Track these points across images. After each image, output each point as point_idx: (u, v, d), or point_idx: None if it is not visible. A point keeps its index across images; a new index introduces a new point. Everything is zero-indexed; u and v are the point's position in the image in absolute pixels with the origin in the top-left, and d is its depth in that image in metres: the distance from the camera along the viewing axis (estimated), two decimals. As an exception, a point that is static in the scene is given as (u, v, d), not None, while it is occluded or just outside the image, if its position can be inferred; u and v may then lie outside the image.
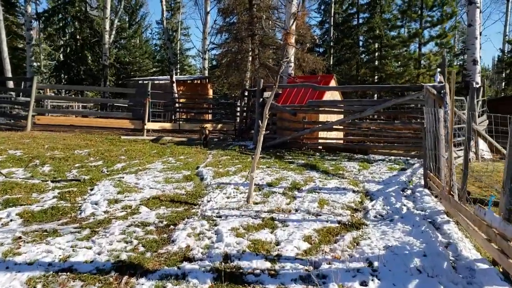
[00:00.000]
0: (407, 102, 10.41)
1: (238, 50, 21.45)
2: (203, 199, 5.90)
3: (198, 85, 27.19)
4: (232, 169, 8.32)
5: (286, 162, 9.59)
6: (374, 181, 7.57)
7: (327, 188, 6.75)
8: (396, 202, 5.90)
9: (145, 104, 15.03)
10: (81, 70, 30.01)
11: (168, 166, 8.62)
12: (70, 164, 8.68)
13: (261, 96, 12.89)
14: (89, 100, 25.45)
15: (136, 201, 5.71)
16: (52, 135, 13.48)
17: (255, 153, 5.49)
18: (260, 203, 5.70)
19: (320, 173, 8.34)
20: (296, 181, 7.19)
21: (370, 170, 8.84)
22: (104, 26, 27.59)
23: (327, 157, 10.63)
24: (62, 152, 10.13)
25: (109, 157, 9.75)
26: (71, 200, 5.81)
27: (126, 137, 13.94)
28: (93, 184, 6.82)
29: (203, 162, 9.43)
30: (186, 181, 7.19)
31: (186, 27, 48.90)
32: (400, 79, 20.39)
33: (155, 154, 10.58)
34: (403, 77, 20.40)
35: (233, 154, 10.84)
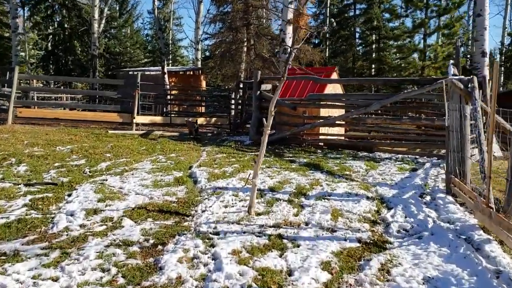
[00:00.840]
0: (416, 96, 9.66)
1: (233, 40, 20.55)
2: (197, 208, 5.11)
3: (190, 76, 26.27)
4: (229, 170, 7.53)
5: (286, 161, 8.82)
6: (386, 184, 6.83)
7: (337, 193, 5.99)
8: (418, 212, 5.15)
9: (134, 96, 14.16)
10: (69, 60, 28.97)
11: (157, 166, 7.80)
12: (50, 163, 7.83)
13: (258, 88, 12.07)
14: (74, 92, 24.38)
15: (119, 211, 4.90)
16: (34, 129, 12.58)
17: (258, 156, 4.70)
18: (263, 213, 4.93)
19: (325, 174, 7.58)
20: (301, 185, 6.43)
21: (378, 171, 8.10)
22: (93, 14, 26.50)
23: (330, 155, 9.87)
24: (43, 148, 9.26)
25: (94, 154, 8.90)
26: (44, 210, 4.99)
27: (114, 132, 13.08)
28: (71, 188, 6.00)
29: (196, 160, 8.62)
30: (177, 184, 6.39)
31: (178, 17, 47.73)
32: (404, 72, 19.63)
33: (144, 151, 9.75)
34: (407, 69, 19.63)
35: (228, 151, 10.04)
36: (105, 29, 33.27)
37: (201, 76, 26.27)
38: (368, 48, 28.73)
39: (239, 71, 18.21)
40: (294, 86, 12.29)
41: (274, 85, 13.16)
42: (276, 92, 4.42)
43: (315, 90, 11.62)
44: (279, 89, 4.41)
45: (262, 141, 4.61)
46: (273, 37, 20.91)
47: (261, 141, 4.61)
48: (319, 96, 11.05)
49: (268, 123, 4.50)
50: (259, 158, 4.66)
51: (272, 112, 4.44)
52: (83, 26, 28.89)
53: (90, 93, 21.94)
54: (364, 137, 10.93)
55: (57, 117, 14.59)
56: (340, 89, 12.63)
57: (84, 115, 14.89)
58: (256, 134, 12.08)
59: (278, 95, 4.45)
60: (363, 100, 10.29)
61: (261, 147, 4.63)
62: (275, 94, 4.43)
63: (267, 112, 12.51)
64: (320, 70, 12.39)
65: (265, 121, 4.58)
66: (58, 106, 18.08)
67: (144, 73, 23.96)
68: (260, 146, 4.76)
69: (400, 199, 5.81)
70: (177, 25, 47.25)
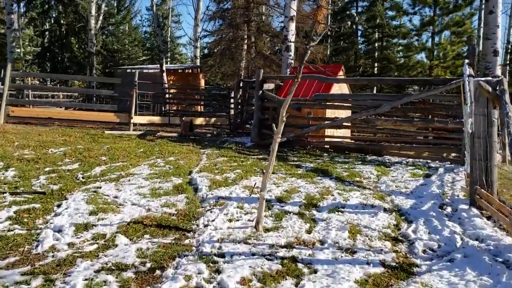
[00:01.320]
0: (429, 97, 9.17)
1: (233, 38, 20.02)
2: (199, 222, 4.62)
3: (189, 74, 25.72)
4: (231, 176, 7.04)
5: (292, 166, 8.33)
6: (401, 193, 6.36)
7: (351, 205, 5.51)
8: (441, 227, 4.67)
9: (132, 95, 13.65)
10: (65, 58, 28.35)
11: (155, 171, 7.31)
12: (40, 167, 7.33)
13: (260, 88, 11.57)
14: (70, 90, 23.79)
15: (113, 226, 4.40)
16: (26, 130, 12.06)
17: (267, 166, 4.21)
18: (272, 230, 4.44)
19: (335, 181, 7.10)
20: (310, 194, 5.94)
21: (391, 177, 7.62)
22: (90, 10, 25.92)
23: (338, 159, 9.39)
24: (34, 151, 8.76)
25: (88, 158, 8.41)
26: (29, 224, 4.49)
27: (110, 132, 12.58)
28: (61, 198, 5.50)
29: (196, 165, 8.13)
30: (177, 193, 5.90)
31: (177, 14, 47.15)
32: (412, 71, 19.11)
33: (141, 153, 9.25)
34: (414, 69, 19.10)
35: (230, 155, 9.55)
36: (103, 26, 32.65)
37: (200, 75, 25.72)
38: (371, 46, 28.16)
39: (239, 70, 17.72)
40: (298, 86, 11.78)
41: (277, 85, 12.66)
42: (289, 95, 3.93)
43: (321, 89, 11.13)
44: (292, 92, 3.92)
45: (271, 150, 4.13)
46: (274, 35, 20.40)
47: (271, 150, 4.13)
48: (325, 96, 10.56)
49: (278, 130, 4.01)
50: (268, 168, 4.18)
51: (284, 118, 3.96)
52: (80, 23, 28.27)
53: (86, 92, 21.38)
54: (373, 140, 10.44)
55: (51, 117, 14.06)
56: (346, 89, 12.14)
57: (80, 114, 14.38)
58: (258, 136, 11.60)
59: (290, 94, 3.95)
60: (372, 101, 9.81)
61: (271, 156, 4.14)
62: (288, 97, 3.94)
63: (270, 113, 12.09)
64: (326, 69, 11.90)
65: (275, 128, 4.09)
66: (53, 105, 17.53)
67: (142, 71, 23.41)
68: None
69: (420, 211, 5.34)
70: (175, 22, 46.70)
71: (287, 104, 3.96)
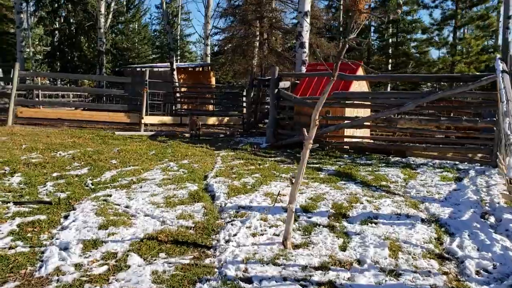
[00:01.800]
0: (457, 94, 8.62)
1: (245, 35, 19.55)
2: (219, 237, 4.17)
3: (200, 73, 25.31)
4: (250, 181, 6.58)
5: (312, 169, 7.85)
6: (435, 200, 5.85)
7: (384, 215, 5.01)
8: (490, 242, 4.17)
9: (142, 95, 13.26)
10: (75, 57, 28.10)
11: (169, 176, 6.87)
12: (48, 172, 6.94)
13: (276, 86, 11.10)
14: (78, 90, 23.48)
15: (124, 243, 3.96)
16: (34, 131, 11.74)
17: (297, 176, 3.74)
18: (302, 246, 3.97)
19: (360, 186, 6.61)
20: (338, 203, 5.46)
21: (419, 181, 7.11)
22: (99, 8, 25.62)
23: (359, 161, 8.90)
24: (41, 154, 8.39)
25: (98, 161, 8.01)
26: (33, 240, 4.07)
27: (121, 133, 12.21)
28: (69, 208, 5.09)
29: (211, 169, 7.69)
30: (192, 201, 5.45)
31: (187, 12, 46.80)
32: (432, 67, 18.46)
33: (153, 156, 8.84)
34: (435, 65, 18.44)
35: (245, 157, 9.10)
36: (112, 24, 32.41)
37: (211, 73, 25.31)
38: (385, 42, 27.52)
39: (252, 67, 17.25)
40: (315, 84, 11.30)
41: (293, 82, 12.17)
42: (323, 95, 3.45)
43: (339, 87, 10.62)
44: (327, 91, 3.44)
45: (302, 157, 3.66)
46: (287, 31, 19.88)
47: (301, 156, 3.66)
48: (345, 94, 10.05)
49: (310, 134, 3.55)
50: (298, 178, 3.71)
51: (317, 122, 3.49)
52: (89, 21, 28.02)
53: (95, 91, 21.05)
54: (395, 140, 9.91)
55: (60, 117, 13.72)
56: (366, 87, 11.61)
57: (89, 115, 14.02)
58: (274, 136, 11.13)
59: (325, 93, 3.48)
60: (395, 99, 9.29)
61: (301, 164, 3.67)
62: (322, 97, 3.46)
63: (286, 112, 11.60)
64: (344, 66, 11.37)
65: (306, 133, 3.62)
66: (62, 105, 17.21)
67: (153, 70, 23.07)
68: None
69: (461, 222, 4.83)
70: (185, 19, 46.35)
71: (321, 105, 3.49)
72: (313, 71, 11.81)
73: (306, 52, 15.03)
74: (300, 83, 11.81)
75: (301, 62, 14.80)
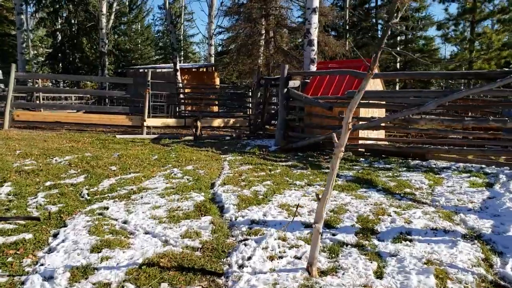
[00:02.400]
0: (484, 92, 7.97)
1: (250, 33, 18.93)
2: (231, 261, 3.56)
3: (204, 73, 24.75)
4: (262, 190, 5.97)
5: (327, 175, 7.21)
6: (469, 210, 5.22)
7: (418, 230, 4.38)
8: (550, 264, 3.54)
9: (145, 96, 12.68)
10: (76, 58, 27.55)
11: (172, 185, 6.27)
12: (40, 181, 6.36)
13: (285, 85, 10.48)
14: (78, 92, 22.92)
15: (120, 271, 3.35)
16: (31, 135, 11.17)
17: (324, 192, 3.12)
18: (329, 272, 3.35)
19: (383, 194, 5.99)
20: (363, 215, 4.84)
21: (447, 187, 6.47)
22: (101, 9, 25.10)
23: (377, 165, 8.27)
24: (36, 161, 7.81)
25: (96, 168, 7.42)
26: (13, 266, 3.48)
27: (122, 136, 11.63)
28: (60, 224, 4.50)
29: (218, 175, 7.09)
30: (199, 214, 4.84)
31: (190, 12, 46.27)
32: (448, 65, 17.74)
33: (155, 161, 8.24)
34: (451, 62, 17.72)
35: (254, 161, 8.49)
36: (114, 25, 31.89)
37: (215, 73, 24.75)
38: (393, 40, 26.82)
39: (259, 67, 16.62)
40: (327, 83, 10.68)
41: (303, 82, 11.55)
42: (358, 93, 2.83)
43: (353, 86, 9.99)
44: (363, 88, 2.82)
45: (331, 168, 3.05)
46: (293, 29, 19.25)
47: (330, 167, 3.05)
48: (360, 93, 9.41)
49: (341, 141, 2.93)
50: (326, 194, 3.10)
51: (350, 126, 2.87)
52: (91, 22, 27.47)
53: (97, 93, 20.47)
54: (415, 142, 9.28)
55: (59, 121, 13.16)
56: (380, 85, 10.98)
57: (89, 118, 13.45)
58: (283, 138, 10.51)
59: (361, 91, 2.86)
60: (414, 98, 8.65)
61: (329, 177, 3.05)
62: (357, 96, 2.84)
63: (296, 113, 10.96)
64: (357, 63, 10.75)
65: (336, 139, 3.00)
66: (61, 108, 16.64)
67: (155, 71, 22.54)
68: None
69: (508, 239, 4.19)
70: (188, 20, 45.78)
71: (356, 105, 2.87)
72: (324, 69, 11.17)
73: (314, 50, 14.39)
74: (310, 82, 11.19)
75: (310, 61, 14.16)
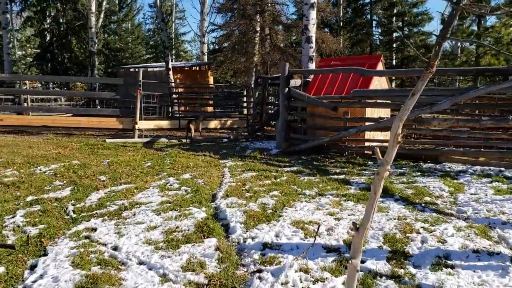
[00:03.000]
0: (504, 90, 7.41)
1: (245, 30, 18.27)
2: (245, 302, 2.93)
3: (197, 72, 24.05)
4: (270, 202, 5.34)
5: (338, 182, 6.62)
6: (505, 223, 4.65)
7: (457, 252, 3.79)
8: None
9: (136, 97, 11.99)
10: (65, 58, 26.71)
11: (169, 198, 5.63)
12: (21, 196, 5.69)
13: (287, 84, 9.86)
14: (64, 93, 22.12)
15: (109, 319, 2.72)
16: (15, 141, 10.45)
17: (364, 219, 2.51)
18: (367, 316, 2.74)
19: (403, 204, 5.40)
20: (389, 233, 4.24)
21: (470, 195, 5.91)
22: (90, 7, 24.30)
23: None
24: (18, 170, 7.13)
25: (84, 178, 6.76)
26: (-22, 313, 2.83)
27: (112, 141, 10.95)
28: (39, 251, 3.85)
29: (219, 185, 6.46)
30: (201, 236, 4.21)
31: (181, 10, 45.44)
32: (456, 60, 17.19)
33: (149, 169, 7.59)
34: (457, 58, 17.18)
35: (257, 167, 7.86)
36: (104, 24, 31.05)
37: (209, 72, 24.06)
38: (389, 37, 26.31)
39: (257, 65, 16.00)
40: (330, 81, 10.08)
41: (305, 80, 10.93)
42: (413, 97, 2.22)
43: (358, 85, 9.41)
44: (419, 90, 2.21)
45: (373, 190, 2.44)
46: (290, 25, 18.64)
47: (372, 190, 2.44)
48: (366, 92, 8.83)
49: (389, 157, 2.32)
50: (366, 223, 2.48)
51: (399, 138, 2.26)
52: (80, 21, 26.65)
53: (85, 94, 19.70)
54: (428, 144, 8.72)
55: (46, 125, 12.43)
56: (386, 84, 10.40)
57: (78, 121, 12.73)
58: (285, 140, 9.91)
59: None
60: (426, 97, 8.07)
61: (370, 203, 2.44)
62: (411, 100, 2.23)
63: (298, 114, 10.31)
64: (362, 60, 10.17)
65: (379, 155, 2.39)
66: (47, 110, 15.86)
67: (147, 70, 21.81)
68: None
69: (562, 261, 3.62)
70: (179, 18, 44.99)
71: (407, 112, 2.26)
72: (326, 67, 10.57)
73: (313, 48, 13.78)
74: (312, 80, 10.60)
75: (308, 58, 13.55)
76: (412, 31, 23.73)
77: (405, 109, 2.25)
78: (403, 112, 2.25)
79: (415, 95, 2.21)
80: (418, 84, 2.20)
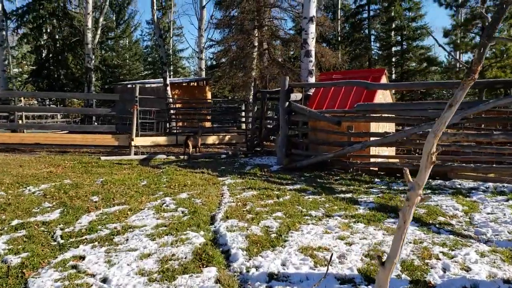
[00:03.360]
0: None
1: (243, 45, 18.06)
2: None
3: (195, 87, 23.82)
4: (273, 225, 4.95)
5: (345, 201, 6.24)
6: (530, 247, 4.26)
7: (484, 282, 3.40)
8: None
9: (133, 113, 11.65)
10: (61, 74, 26.45)
11: (164, 220, 5.24)
12: (7, 219, 5.30)
13: (287, 98, 9.55)
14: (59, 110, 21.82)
15: None
16: (6, 160, 10.07)
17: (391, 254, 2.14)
18: None
19: (417, 225, 5.04)
20: (406, 260, 3.85)
21: (486, 215, 5.54)
22: (86, 23, 24.17)
23: (396, 187, 7.33)
24: (5, 191, 6.75)
25: (75, 199, 6.37)
26: None
27: (107, 158, 10.57)
28: (19, 285, 3.46)
29: (218, 205, 6.08)
30: (199, 265, 3.82)
31: (179, 27, 45.46)
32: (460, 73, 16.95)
33: (144, 188, 7.20)
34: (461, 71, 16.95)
35: (258, 185, 7.49)
36: (101, 40, 30.91)
37: (207, 87, 23.82)
38: (387, 51, 26.19)
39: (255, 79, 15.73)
40: (332, 95, 9.77)
41: (306, 94, 10.63)
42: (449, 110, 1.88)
43: (362, 98, 9.10)
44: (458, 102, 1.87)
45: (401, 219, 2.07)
46: (288, 40, 18.43)
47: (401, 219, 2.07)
48: (372, 106, 8.51)
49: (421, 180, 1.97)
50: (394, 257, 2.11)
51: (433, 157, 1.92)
52: (76, 37, 26.47)
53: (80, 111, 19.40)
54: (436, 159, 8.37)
55: (38, 142, 12.05)
56: (390, 97, 10.11)
57: (72, 138, 12.37)
58: (286, 156, 9.55)
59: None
60: (434, 111, 7.76)
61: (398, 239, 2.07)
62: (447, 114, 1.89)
63: (299, 129, 9.95)
64: (365, 73, 9.89)
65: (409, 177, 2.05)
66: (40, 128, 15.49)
67: (144, 86, 21.56)
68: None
69: None
70: (177, 35, 44.97)
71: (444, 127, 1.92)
72: (327, 80, 10.27)
73: (312, 61, 13.56)
74: (313, 94, 10.29)
75: (308, 72, 13.31)
76: (411, 45, 23.58)
77: (441, 123, 1.90)
78: (439, 126, 1.90)
79: (453, 106, 1.87)
80: (457, 94, 1.86)
